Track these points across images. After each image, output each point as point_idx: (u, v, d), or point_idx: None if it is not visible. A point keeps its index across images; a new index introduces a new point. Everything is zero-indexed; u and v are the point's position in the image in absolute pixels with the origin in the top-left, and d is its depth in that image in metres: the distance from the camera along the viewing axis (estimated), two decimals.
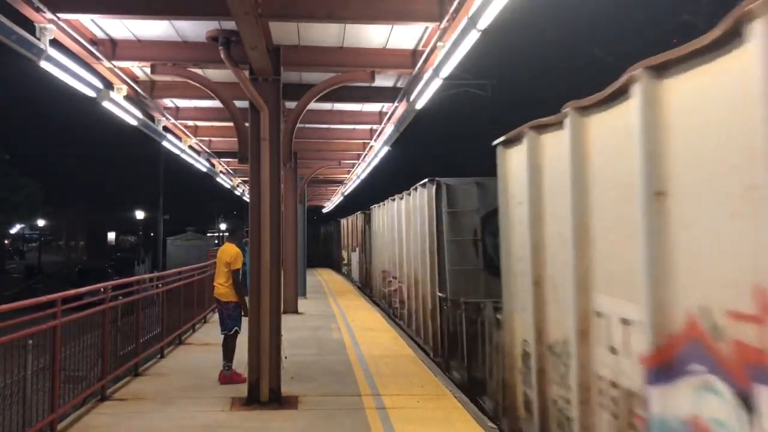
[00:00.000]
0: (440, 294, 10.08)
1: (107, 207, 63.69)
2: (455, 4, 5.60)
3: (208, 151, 14.24)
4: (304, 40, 7.42)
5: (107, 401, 6.87)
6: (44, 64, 6.13)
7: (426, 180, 10.61)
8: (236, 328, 7.83)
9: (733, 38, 2.84)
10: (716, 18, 2.96)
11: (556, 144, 4.96)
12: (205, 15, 6.29)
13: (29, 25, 5.86)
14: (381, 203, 17.87)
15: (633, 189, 3.68)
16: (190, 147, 12.85)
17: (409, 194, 12.47)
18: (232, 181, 21.16)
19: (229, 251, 7.95)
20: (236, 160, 10.16)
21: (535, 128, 5.33)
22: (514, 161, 5.95)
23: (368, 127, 12.90)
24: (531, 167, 5.36)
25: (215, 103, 9.89)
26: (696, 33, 3.12)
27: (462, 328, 8.82)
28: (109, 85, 8.00)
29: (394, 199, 14.83)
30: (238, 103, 7.91)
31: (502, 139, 6.15)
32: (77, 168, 57.78)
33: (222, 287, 7.88)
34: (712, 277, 3.04)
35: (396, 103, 9.71)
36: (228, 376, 7.70)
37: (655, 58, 3.47)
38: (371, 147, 13.79)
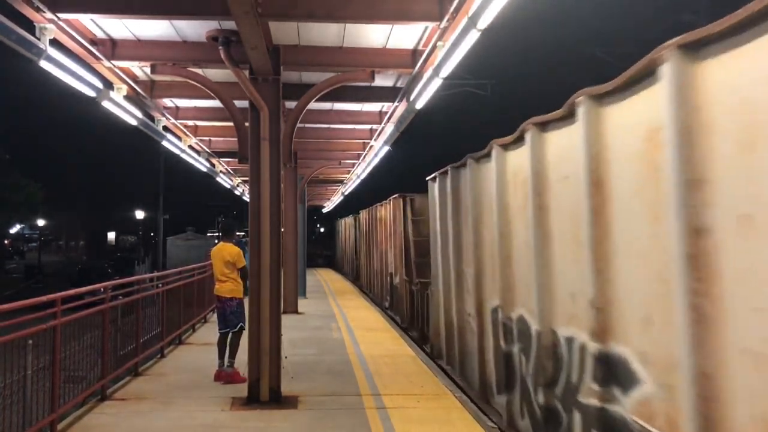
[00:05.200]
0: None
1: (107, 207, 63.64)
2: (455, 3, 5.61)
3: (208, 151, 14.24)
4: (304, 40, 7.42)
5: (107, 401, 6.87)
6: (44, 64, 6.13)
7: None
8: (241, 324, 7.85)
9: None
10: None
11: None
12: (205, 15, 6.29)
13: (29, 25, 5.86)
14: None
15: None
16: (190, 147, 12.86)
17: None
18: (232, 181, 21.16)
19: (230, 250, 7.97)
20: (236, 160, 10.18)
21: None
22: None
23: (368, 126, 12.91)
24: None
25: (215, 103, 9.90)
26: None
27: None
28: (109, 85, 8.00)
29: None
30: (238, 103, 7.91)
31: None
32: (77, 168, 57.68)
33: (224, 284, 7.91)
34: None
35: (396, 103, 9.71)
36: (230, 374, 7.72)
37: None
38: (371, 147, 13.80)
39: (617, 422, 3.96)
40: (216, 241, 12.65)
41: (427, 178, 10.03)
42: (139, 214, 52.42)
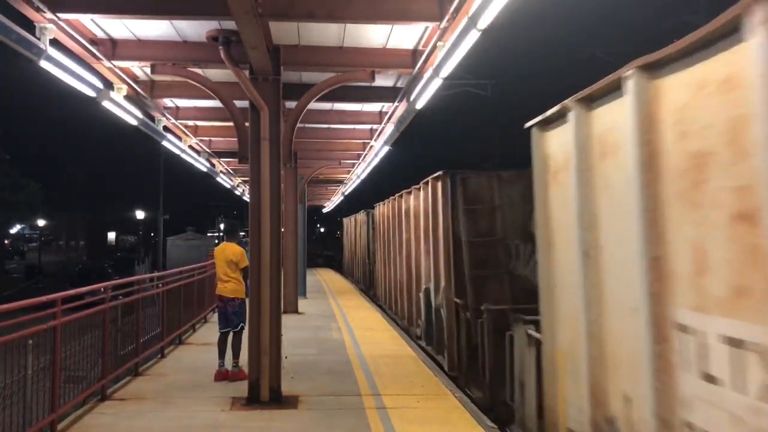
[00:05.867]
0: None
1: (107, 207, 63.70)
2: (455, 3, 5.60)
3: (208, 151, 14.24)
4: (304, 40, 7.42)
5: (107, 401, 6.87)
6: (44, 64, 6.12)
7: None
8: (242, 324, 7.92)
9: None
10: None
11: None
12: (205, 15, 6.28)
13: (29, 25, 5.86)
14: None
15: None
16: (190, 147, 12.85)
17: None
18: (232, 181, 21.15)
19: (234, 249, 8.03)
20: (236, 160, 10.18)
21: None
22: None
23: (368, 126, 12.90)
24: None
25: (215, 103, 9.89)
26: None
27: None
28: (109, 85, 8.00)
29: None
30: (238, 103, 7.91)
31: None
32: (77, 168, 57.80)
33: (227, 284, 7.94)
34: None
35: (396, 103, 9.71)
36: (236, 374, 7.80)
37: None
38: (371, 147, 13.80)
39: None
40: (216, 242, 12.63)
41: (529, 124, 5.39)
42: (139, 214, 52.44)
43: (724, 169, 2.92)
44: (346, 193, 25.83)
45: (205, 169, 15.62)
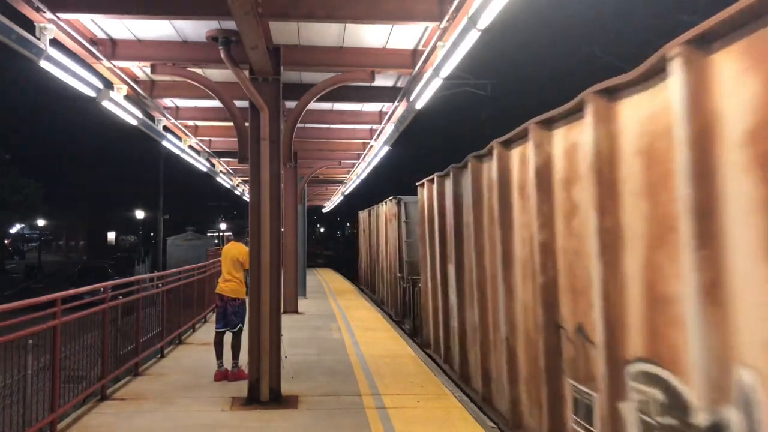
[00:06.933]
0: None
1: (107, 207, 63.65)
2: (455, 3, 5.60)
3: (208, 151, 14.24)
4: (304, 40, 7.42)
5: (107, 401, 6.87)
6: (44, 64, 6.13)
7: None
8: (241, 325, 7.95)
9: None
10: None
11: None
12: (205, 15, 6.28)
13: (29, 25, 5.86)
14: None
15: None
16: (190, 147, 12.85)
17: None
18: (232, 181, 21.16)
19: (241, 249, 8.05)
20: (236, 160, 10.17)
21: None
22: None
23: (368, 126, 12.91)
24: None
25: (215, 103, 9.90)
26: None
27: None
28: (109, 85, 8.00)
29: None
30: (238, 103, 7.92)
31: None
32: (77, 168, 57.71)
33: (229, 283, 7.96)
34: None
35: (396, 103, 9.71)
36: (236, 374, 7.81)
37: None
38: (371, 147, 13.80)
39: None
40: (216, 242, 12.67)
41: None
42: (139, 214, 52.37)
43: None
44: (346, 193, 25.81)
45: (205, 169, 15.63)
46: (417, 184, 11.05)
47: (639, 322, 3.68)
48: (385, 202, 17.80)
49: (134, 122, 9.14)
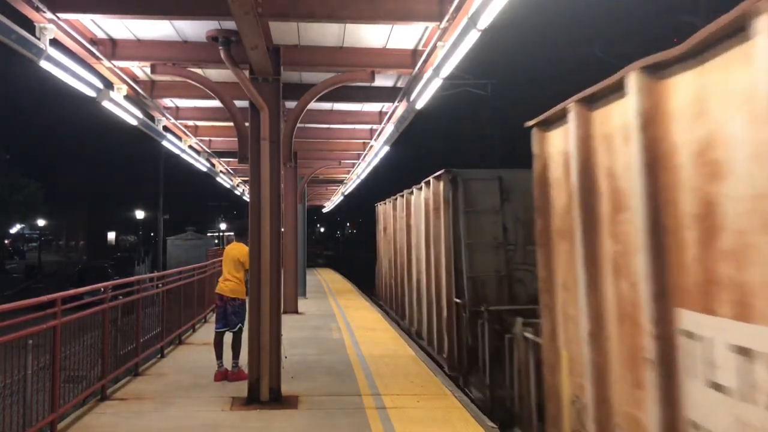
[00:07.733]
0: None
1: (107, 207, 63.66)
2: (455, 3, 5.60)
3: (208, 151, 14.24)
4: (304, 40, 7.42)
5: (107, 401, 6.87)
6: (44, 64, 6.13)
7: None
8: (241, 325, 7.95)
9: None
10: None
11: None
12: (205, 15, 6.29)
13: (29, 25, 5.86)
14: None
15: None
16: (190, 147, 12.85)
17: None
18: (232, 180, 21.16)
19: (242, 250, 8.05)
20: (236, 160, 10.18)
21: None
22: None
23: (368, 126, 12.90)
24: None
25: (215, 103, 9.89)
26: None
27: None
28: (109, 85, 8.00)
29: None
30: (238, 103, 7.91)
31: None
32: (77, 168, 57.68)
33: (229, 283, 7.96)
34: None
35: (396, 103, 9.71)
36: (236, 374, 7.81)
37: None
38: (371, 147, 13.80)
39: None
40: (216, 242, 12.68)
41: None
42: (139, 214, 52.36)
43: None
44: (346, 193, 25.81)
45: (205, 169, 15.63)
46: (543, 116, 5.05)
47: None
48: (423, 185, 11.56)
49: (134, 122, 9.14)
